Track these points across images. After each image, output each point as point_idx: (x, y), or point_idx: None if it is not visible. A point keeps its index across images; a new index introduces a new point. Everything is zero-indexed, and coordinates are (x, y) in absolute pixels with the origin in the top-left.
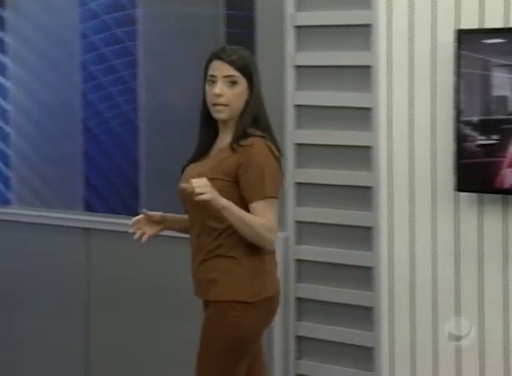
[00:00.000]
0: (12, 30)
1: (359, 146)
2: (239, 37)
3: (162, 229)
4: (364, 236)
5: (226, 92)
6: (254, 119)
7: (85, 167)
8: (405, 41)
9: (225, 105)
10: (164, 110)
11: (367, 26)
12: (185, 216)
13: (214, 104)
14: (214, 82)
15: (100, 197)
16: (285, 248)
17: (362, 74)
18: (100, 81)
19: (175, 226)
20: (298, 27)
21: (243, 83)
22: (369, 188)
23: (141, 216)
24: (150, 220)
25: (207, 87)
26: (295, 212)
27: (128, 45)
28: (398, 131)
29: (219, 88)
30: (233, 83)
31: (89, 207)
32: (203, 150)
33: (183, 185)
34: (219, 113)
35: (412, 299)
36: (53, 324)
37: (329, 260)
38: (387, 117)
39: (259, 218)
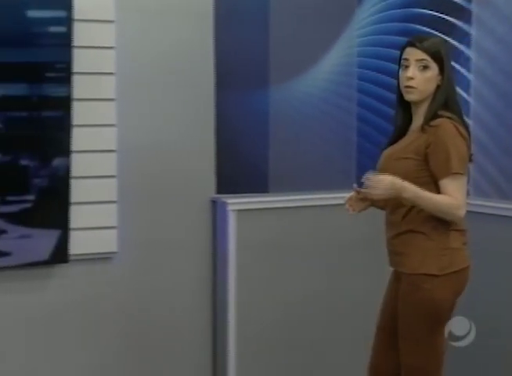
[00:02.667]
0: (477, 23)
1: None
2: None
3: (368, 206)
4: None
5: (417, 76)
6: (445, 103)
7: None
8: None
9: (414, 88)
10: None
11: None
12: None
13: (406, 86)
14: (407, 67)
15: None
16: None
17: None
18: None
19: (378, 203)
20: None
21: (434, 68)
22: None
23: (353, 193)
24: (358, 197)
25: (401, 72)
26: None
27: None
28: None
29: (411, 71)
30: (425, 67)
31: None
32: (400, 133)
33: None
34: (409, 94)
35: None
36: None
37: None
38: None
39: (445, 197)
